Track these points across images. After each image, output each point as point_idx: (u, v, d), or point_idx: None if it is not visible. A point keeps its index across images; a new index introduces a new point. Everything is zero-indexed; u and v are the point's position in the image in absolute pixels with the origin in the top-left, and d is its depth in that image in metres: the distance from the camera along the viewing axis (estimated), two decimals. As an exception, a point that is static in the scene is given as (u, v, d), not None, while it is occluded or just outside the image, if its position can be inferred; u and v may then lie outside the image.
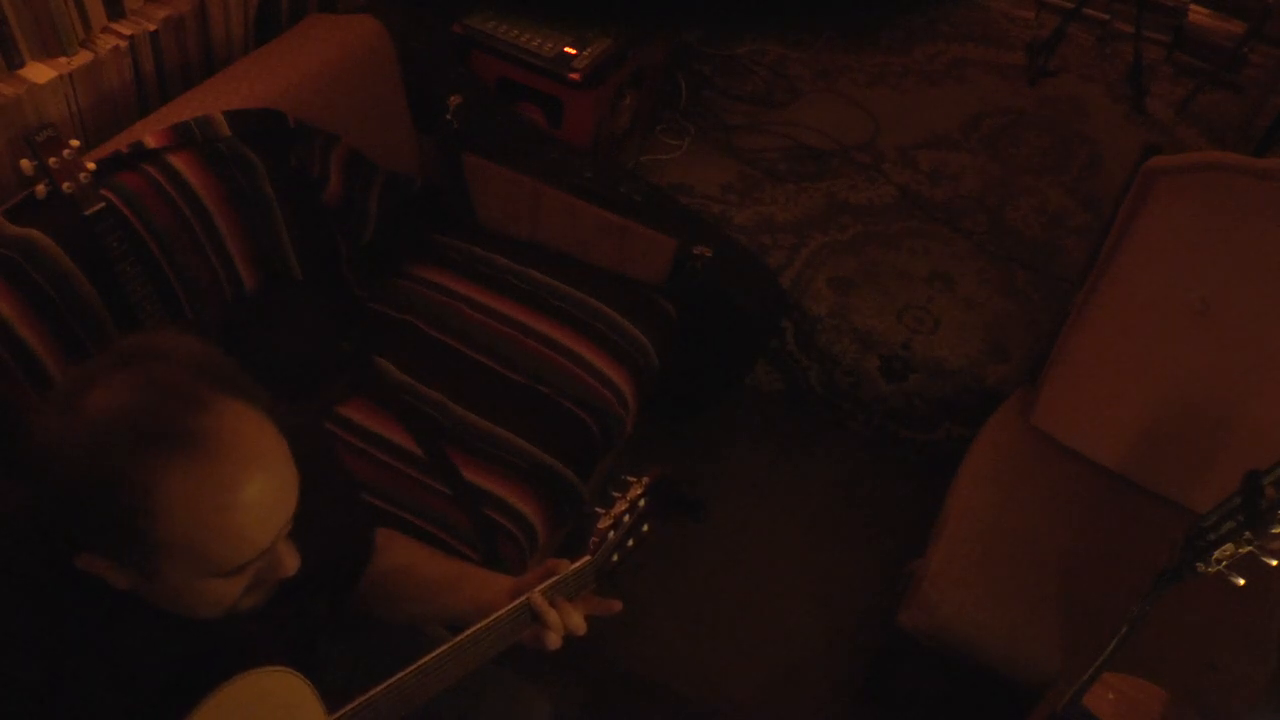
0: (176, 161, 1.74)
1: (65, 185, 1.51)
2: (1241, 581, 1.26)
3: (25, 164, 1.51)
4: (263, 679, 1.08)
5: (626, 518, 1.34)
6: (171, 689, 1.04)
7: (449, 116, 2.24)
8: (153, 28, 1.87)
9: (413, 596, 1.35)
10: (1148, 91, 3.52)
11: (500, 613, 1.23)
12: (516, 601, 1.24)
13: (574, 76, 2.46)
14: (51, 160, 1.50)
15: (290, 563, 1.03)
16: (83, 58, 1.78)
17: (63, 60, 1.76)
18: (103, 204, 1.55)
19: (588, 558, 1.30)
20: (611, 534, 1.32)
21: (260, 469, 0.96)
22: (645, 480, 1.37)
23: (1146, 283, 1.98)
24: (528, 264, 2.23)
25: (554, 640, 1.25)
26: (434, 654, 1.19)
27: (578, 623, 1.26)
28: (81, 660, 1.00)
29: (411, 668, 1.18)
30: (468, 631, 1.21)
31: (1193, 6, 3.72)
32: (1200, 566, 1.26)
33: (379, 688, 1.16)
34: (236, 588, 1.01)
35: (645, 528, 1.39)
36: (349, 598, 1.34)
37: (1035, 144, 3.30)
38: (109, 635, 1.02)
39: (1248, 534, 1.20)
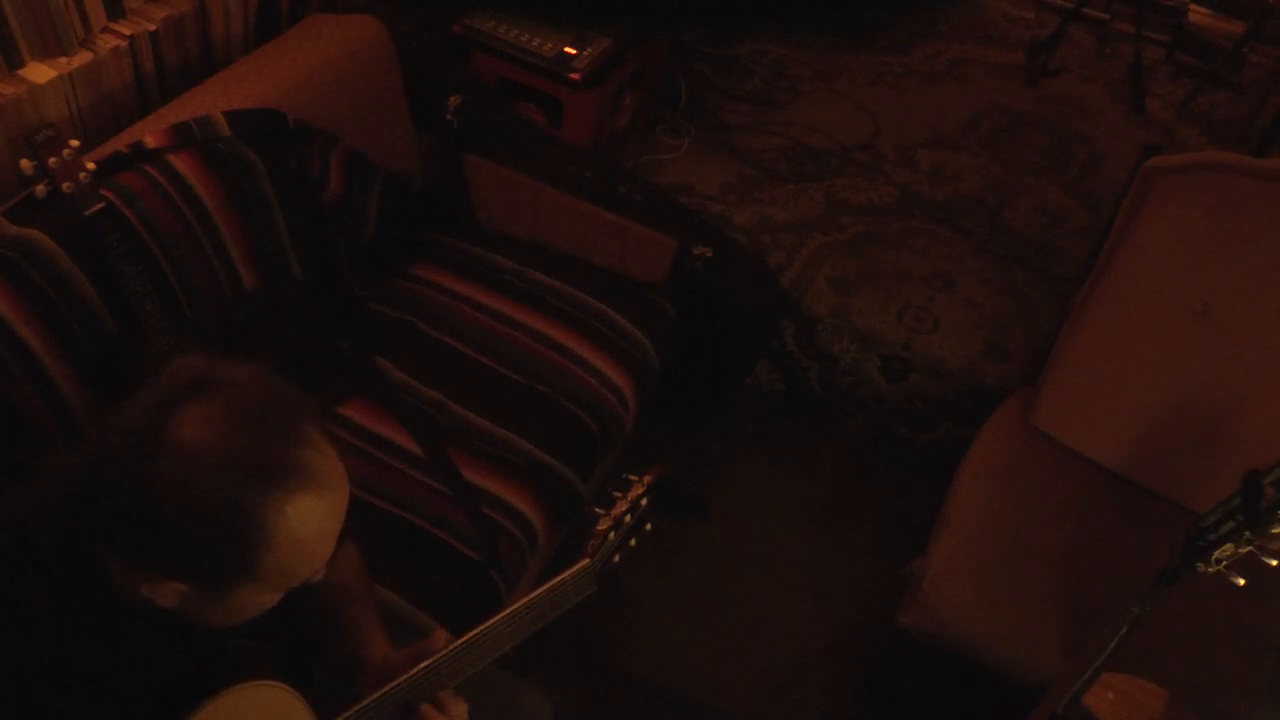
0: (176, 161, 1.74)
1: (65, 185, 1.51)
2: (1241, 581, 1.27)
3: (25, 164, 1.51)
4: (253, 693, 1.07)
5: (627, 518, 1.34)
6: (164, 701, 1.02)
7: (449, 116, 2.24)
8: (153, 28, 1.87)
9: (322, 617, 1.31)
10: (1148, 91, 3.53)
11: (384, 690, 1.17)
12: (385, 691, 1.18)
13: (574, 76, 2.46)
14: (51, 160, 1.49)
15: (324, 569, 1.04)
16: (83, 58, 1.78)
17: (63, 60, 1.76)
18: (103, 204, 1.55)
19: (586, 560, 1.30)
20: (611, 535, 1.32)
21: (343, 494, 0.99)
22: (647, 479, 1.37)
23: (1146, 283, 1.99)
24: (528, 264, 2.23)
25: None
26: (437, 657, 1.19)
27: (461, 713, 1.22)
28: (75, 672, 0.99)
29: (403, 676, 1.18)
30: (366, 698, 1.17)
31: (1193, 6, 3.72)
32: (1200, 566, 1.26)
33: (371, 697, 1.16)
34: (279, 598, 1.03)
35: (648, 526, 1.39)
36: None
37: (1035, 144, 3.30)
38: (104, 647, 1.01)
39: (1248, 534, 1.21)
